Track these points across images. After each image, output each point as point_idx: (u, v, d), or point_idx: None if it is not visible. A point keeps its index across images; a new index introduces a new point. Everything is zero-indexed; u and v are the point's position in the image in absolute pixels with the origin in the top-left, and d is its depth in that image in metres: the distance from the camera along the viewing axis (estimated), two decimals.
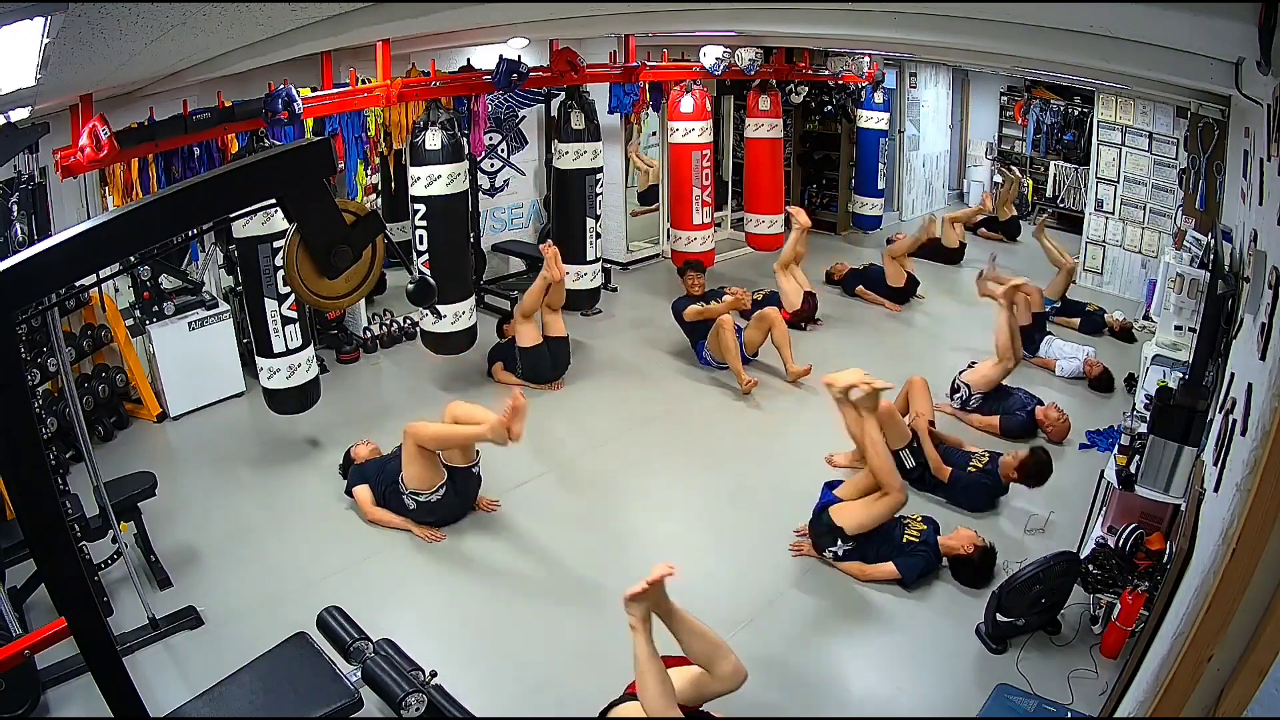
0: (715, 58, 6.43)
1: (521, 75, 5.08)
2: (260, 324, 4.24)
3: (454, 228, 4.97)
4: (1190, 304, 4.41)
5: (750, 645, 3.26)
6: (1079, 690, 3.00)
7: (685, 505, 4.32)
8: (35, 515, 1.62)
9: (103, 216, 1.66)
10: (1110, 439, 4.55)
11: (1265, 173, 2.32)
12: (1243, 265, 2.81)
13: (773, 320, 5.57)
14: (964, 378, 5.13)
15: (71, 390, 3.34)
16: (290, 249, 1.94)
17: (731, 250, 8.23)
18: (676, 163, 6.80)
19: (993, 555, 3.60)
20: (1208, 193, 5.51)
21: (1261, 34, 1.65)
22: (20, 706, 2.73)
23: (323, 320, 5.85)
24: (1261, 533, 1.62)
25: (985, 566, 3.57)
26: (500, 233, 7.50)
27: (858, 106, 8.46)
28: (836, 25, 3.58)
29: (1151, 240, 7.01)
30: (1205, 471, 2.46)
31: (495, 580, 3.69)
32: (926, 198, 10.43)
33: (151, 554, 3.69)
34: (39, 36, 1.79)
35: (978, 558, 3.55)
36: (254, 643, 2.83)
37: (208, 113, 4.23)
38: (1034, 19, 2.71)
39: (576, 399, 5.45)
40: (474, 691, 2.91)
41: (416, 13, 3.03)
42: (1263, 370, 1.82)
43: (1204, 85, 3.46)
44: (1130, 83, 5.77)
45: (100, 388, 4.82)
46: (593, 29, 5.44)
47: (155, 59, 2.94)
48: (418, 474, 3.83)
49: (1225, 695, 1.75)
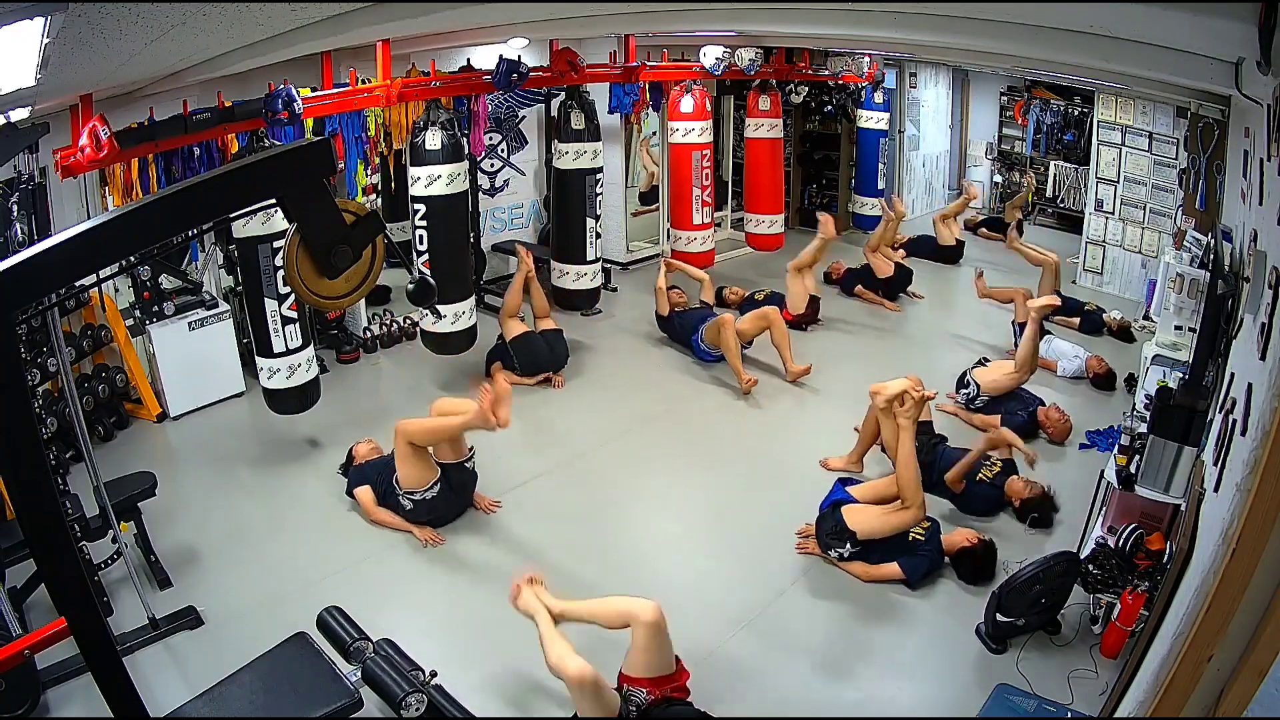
0: (715, 58, 6.43)
1: (521, 75, 5.08)
2: (260, 324, 4.24)
3: (454, 228, 4.97)
4: (1190, 304, 4.41)
5: (750, 645, 3.27)
6: (1079, 690, 3.00)
7: (685, 505, 4.32)
8: (35, 515, 1.62)
9: (103, 216, 1.66)
10: (1110, 439, 4.55)
11: (1265, 173, 2.32)
12: (1243, 265, 2.81)
13: (772, 319, 5.57)
14: (974, 375, 5.11)
15: (71, 390, 3.34)
16: (290, 249, 1.94)
17: (731, 250, 8.23)
18: (676, 163, 6.80)
19: (994, 550, 3.61)
20: (1208, 193, 5.51)
21: (1261, 34, 1.65)
22: (20, 706, 2.73)
23: (323, 320, 5.85)
24: (1261, 533, 1.62)
25: (988, 560, 3.58)
26: (500, 233, 7.50)
27: (858, 106, 8.46)
28: (836, 25, 3.58)
29: (1151, 240, 7.01)
30: (1205, 471, 2.46)
31: (495, 580, 3.68)
32: (926, 198, 10.43)
33: (151, 554, 3.69)
34: (39, 36, 1.79)
35: (980, 550, 3.57)
36: (254, 643, 2.83)
37: (208, 113, 4.23)
38: (1034, 19, 2.71)
39: (576, 398, 5.45)
40: (474, 691, 2.92)
41: (416, 13, 3.02)
42: (1263, 370, 1.82)
43: (1204, 85, 3.46)
44: (1130, 83, 5.77)
45: (100, 388, 4.82)
46: (593, 29, 5.44)
47: (155, 59, 2.94)
48: (410, 473, 3.85)
49: (1225, 695, 1.75)
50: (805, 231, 9.41)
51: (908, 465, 3.50)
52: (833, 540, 3.64)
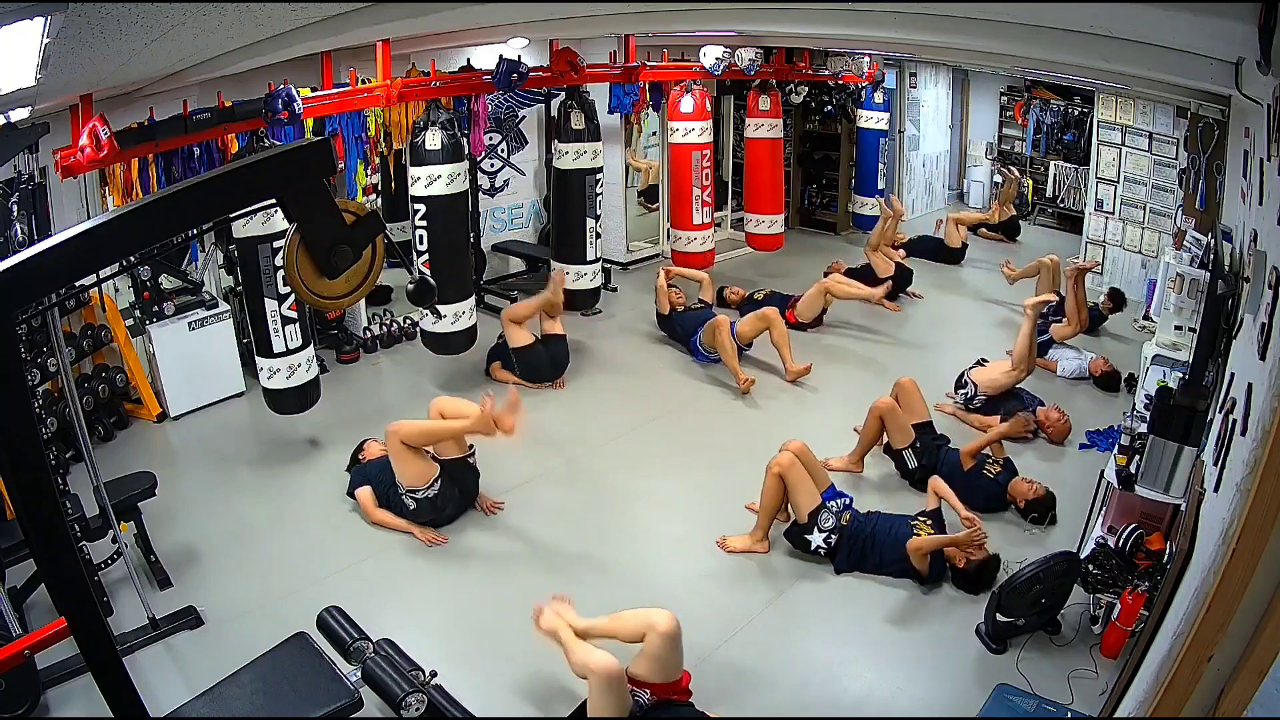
0: (715, 58, 6.43)
1: (521, 75, 5.08)
2: (260, 324, 4.24)
3: (454, 228, 4.97)
4: (1190, 304, 4.41)
5: (750, 644, 3.27)
6: (1079, 690, 3.00)
7: (686, 505, 4.32)
8: (35, 515, 1.62)
9: (103, 216, 1.66)
10: (1110, 439, 4.55)
11: (1265, 173, 2.31)
12: (1243, 265, 2.81)
13: (772, 319, 5.57)
14: (972, 375, 5.12)
15: (71, 390, 3.34)
16: (290, 249, 1.94)
17: (731, 250, 8.23)
18: (676, 163, 6.80)
19: (997, 562, 3.57)
20: (1208, 193, 5.51)
21: (1261, 34, 1.65)
22: (20, 706, 2.73)
23: (323, 320, 5.85)
24: (1261, 533, 1.62)
25: (989, 573, 3.54)
26: (500, 233, 7.50)
27: (858, 106, 8.46)
28: (836, 25, 3.58)
29: (1151, 240, 7.01)
30: (1205, 471, 2.46)
31: (496, 580, 3.69)
32: (927, 197, 10.43)
33: (151, 554, 3.69)
34: (39, 36, 1.79)
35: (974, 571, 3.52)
36: (254, 643, 2.83)
37: (208, 113, 4.23)
38: (1034, 19, 2.71)
39: (577, 399, 5.45)
40: (474, 691, 2.92)
41: (416, 13, 3.03)
42: (1263, 370, 1.82)
43: (1204, 85, 3.46)
44: (1130, 83, 5.77)
45: (100, 388, 4.82)
46: (593, 29, 5.44)
47: (155, 59, 2.94)
48: (408, 471, 3.84)
49: (1225, 695, 1.75)
50: (805, 231, 9.44)
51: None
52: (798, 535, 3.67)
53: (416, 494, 3.86)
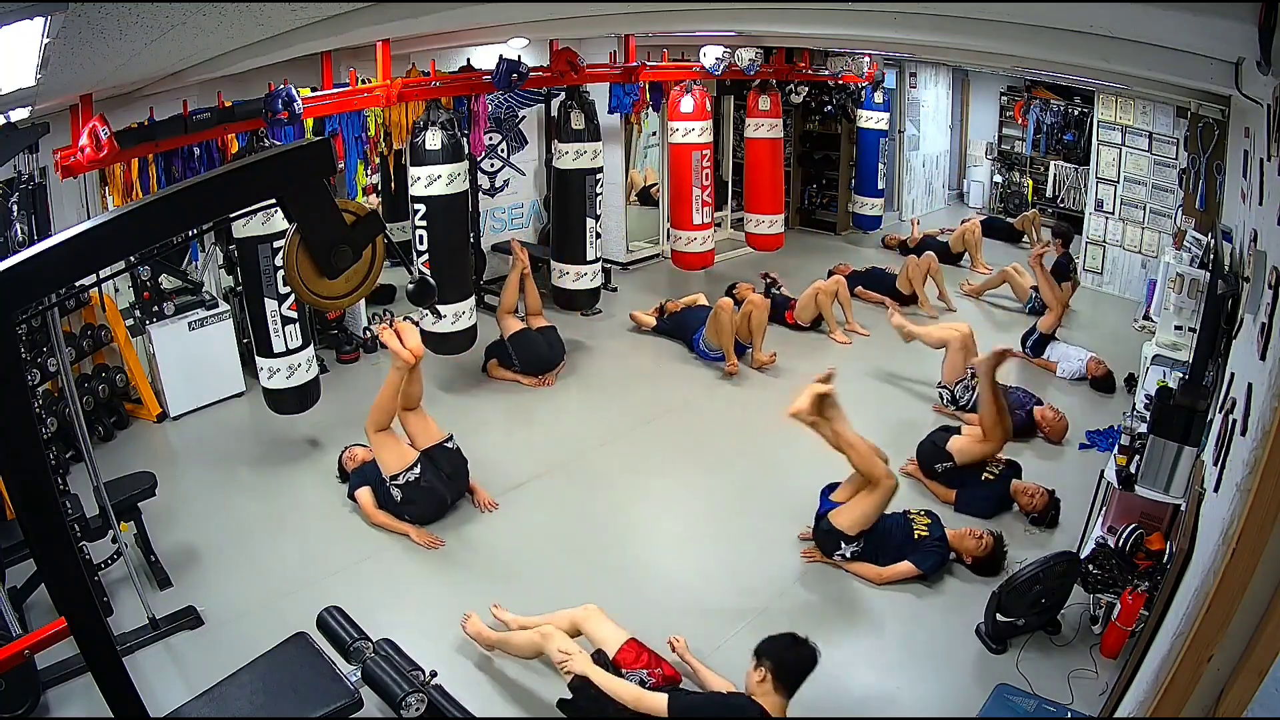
0: (715, 58, 6.42)
1: (521, 75, 5.08)
2: (260, 324, 4.24)
3: (454, 228, 4.97)
4: (1190, 304, 4.41)
5: (751, 644, 3.25)
6: (1079, 690, 3.00)
7: (686, 505, 4.32)
8: (35, 515, 1.62)
9: (103, 216, 1.66)
10: (1110, 439, 4.55)
11: (1265, 173, 2.32)
12: (1243, 265, 2.81)
13: (756, 304, 5.69)
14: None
15: (71, 390, 3.34)
16: (290, 249, 1.93)
17: (731, 250, 8.23)
18: (676, 163, 6.80)
19: (1001, 543, 3.65)
20: (1208, 193, 5.50)
21: (1261, 34, 1.65)
22: (20, 706, 2.73)
23: (323, 320, 5.85)
24: (1261, 533, 1.62)
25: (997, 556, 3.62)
26: (500, 233, 7.49)
27: (858, 106, 8.45)
28: (836, 25, 3.58)
29: (1151, 240, 7.01)
30: (1205, 471, 2.46)
31: (495, 579, 3.69)
32: (926, 197, 10.43)
33: (151, 554, 3.70)
34: (39, 36, 1.79)
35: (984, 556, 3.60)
36: (254, 643, 2.83)
37: (208, 113, 4.22)
38: (1034, 19, 2.71)
39: (577, 398, 5.45)
40: (474, 691, 2.92)
41: (416, 13, 3.02)
42: (1263, 370, 1.82)
43: (1204, 85, 3.46)
44: (1130, 83, 5.76)
45: (100, 388, 4.82)
46: (593, 29, 5.44)
47: (155, 59, 2.94)
48: (387, 459, 3.91)
49: (1225, 695, 1.75)
50: (806, 232, 9.44)
51: (856, 451, 3.52)
52: (830, 545, 3.66)
53: (399, 479, 3.89)
